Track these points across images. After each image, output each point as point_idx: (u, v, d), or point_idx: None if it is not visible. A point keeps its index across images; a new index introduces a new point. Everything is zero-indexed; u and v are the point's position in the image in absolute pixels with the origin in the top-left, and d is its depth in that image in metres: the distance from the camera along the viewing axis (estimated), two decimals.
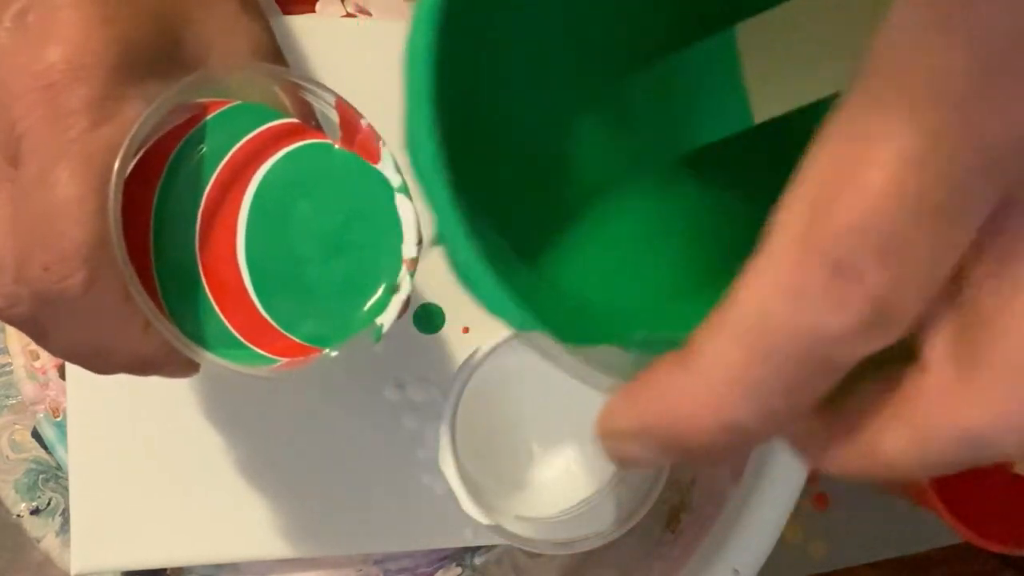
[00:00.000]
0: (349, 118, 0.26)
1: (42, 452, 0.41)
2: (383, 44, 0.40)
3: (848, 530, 0.53)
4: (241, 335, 0.26)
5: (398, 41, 0.46)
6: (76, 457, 0.38)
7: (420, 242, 0.27)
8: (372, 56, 0.40)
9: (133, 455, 0.38)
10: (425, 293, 0.40)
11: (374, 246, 0.27)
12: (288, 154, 0.26)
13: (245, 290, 0.26)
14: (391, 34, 0.41)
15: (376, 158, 0.27)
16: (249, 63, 0.27)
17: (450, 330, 0.41)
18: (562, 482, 0.37)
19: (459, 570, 0.43)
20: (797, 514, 0.38)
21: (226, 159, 0.26)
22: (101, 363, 0.26)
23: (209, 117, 0.26)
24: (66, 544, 0.40)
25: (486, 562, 0.43)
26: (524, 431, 0.38)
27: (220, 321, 0.26)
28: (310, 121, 0.27)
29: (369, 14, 0.43)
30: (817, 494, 0.53)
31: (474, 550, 0.43)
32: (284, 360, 0.26)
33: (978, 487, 0.45)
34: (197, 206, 0.26)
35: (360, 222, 0.27)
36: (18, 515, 0.41)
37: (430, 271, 0.40)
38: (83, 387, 0.38)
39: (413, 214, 0.27)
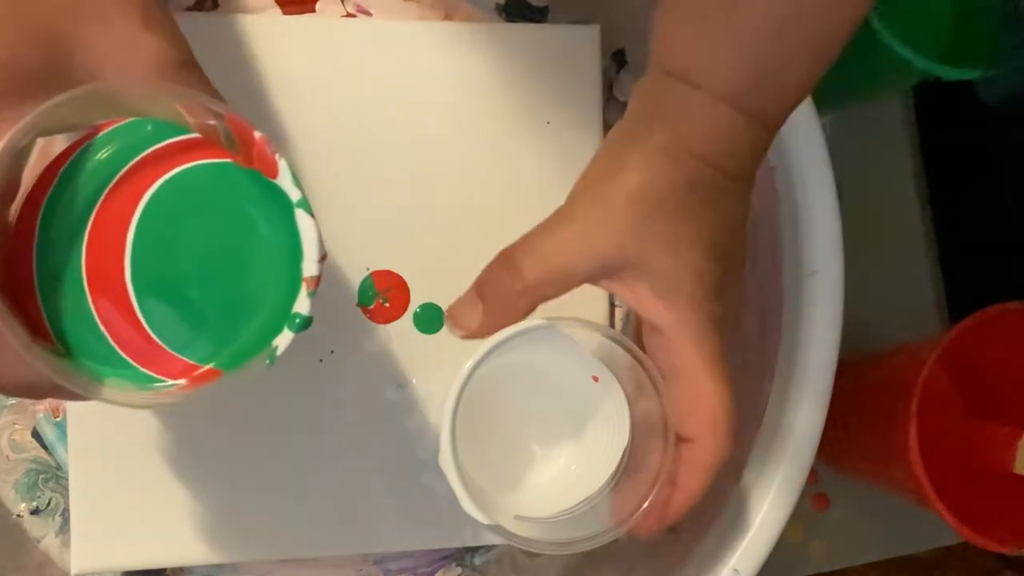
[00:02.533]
0: (241, 131, 0.25)
1: (42, 452, 0.41)
2: (383, 44, 0.41)
3: (848, 530, 0.53)
4: (131, 357, 0.25)
5: (398, 41, 0.46)
6: (76, 457, 0.38)
7: (323, 259, 0.25)
8: (372, 56, 0.40)
9: (133, 455, 0.38)
10: (425, 293, 0.40)
11: (269, 265, 0.26)
12: (180, 173, 0.25)
13: (133, 310, 0.25)
14: (391, 34, 0.41)
15: (274, 172, 0.25)
16: (134, 78, 0.25)
17: None
18: (562, 482, 0.37)
19: (459, 570, 0.43)
20: (797, 514, 0.38)
21: (117, 177, 0.25)
22: None
23: (101, 135, 0.25)
24: (66, 544, 0.40)
25: (486, 562, 0.43)
26: (524, 431, 0.38)
27: (107, 343, 0.25)
28: (216, 136, 0.25)
29: (369, 14, 0.43)
30: (817, 494, 0.53)
31: (474, 550, 0.43)
32: (177, 383, 0.26)
33: (978, 487, 0.45)
34: (84, 225, 0.25)
35: (254, 241, 0.26)
36: (18, 515, 0.41)
37: (430, 271, 0.41)
38: None
39: (314, 230, 0.25)
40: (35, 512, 0.41)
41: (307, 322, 0.26)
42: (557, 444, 0.38)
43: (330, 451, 0.39)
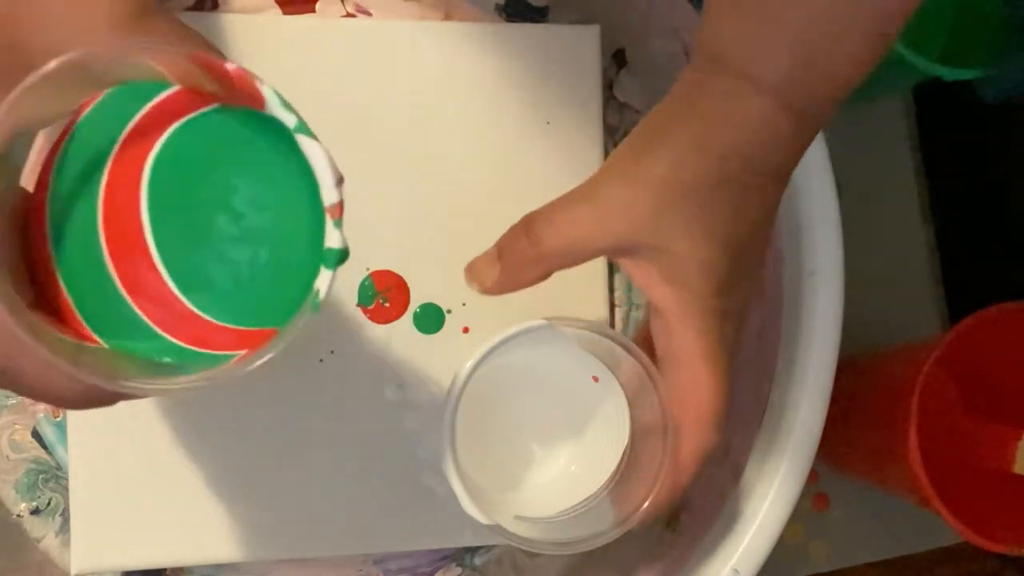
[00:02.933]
0: (213, 69, 0.23)
1: (42, 452, 0.41)
2: (383, 44, 0.41)
3: (848, 530, 0.53)
4: (183, 341, 0.24)
5: (398, 41, 0.46)
6: (76, 457, 0.38)
7: (340, 182, 0.23)
8: (372, 56, 0.40)
9: (133, 455, 0.38)
10: (425, 293, 0.40)
11: (288, 203, 0.24)
12: (173, 134, 0.24)
13: (171, 291, 0.24)
14: (391, 34, 0.41)
15: (261, 102, 0.24)
16: (92, 46, 0.23)
17: (450, 330, 0.41)
18: (562, 482, 0.37)
19: (459, 570, 0.43)
20: (797, 514, 0.38)
21: (112, 156, 0.24)
22: (8, 383, 0.24)
23: (83, 116, 0.24)
24: (66, 544, 0.40)
25: (486, 562, 0.43)
26: (524, 431, 0.38)
27: (156, 334, 0.24)
28: (198, 80, 0.24)
29: (369, 14, 0.43)
30: (817, 494, 0.53)
31: (474, 550, 0.43)
32: (238, 352, 0.24)
33: (978, 487, 0.45)
34: (95, 214, 0.24)
35: (266, 182, 0.24)
36: (18, 515, 0.41)
37: (430, 271, 0.41)
38: None
39: (322, 153, 0.24)
40: (35, 512, 0.41)
41: (343, 255, 0.23)
42: (557, 444, 0.38)
43: (330, 451, 0.39)
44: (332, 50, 0.40)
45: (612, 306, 0.44)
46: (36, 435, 0.41)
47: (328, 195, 0.23)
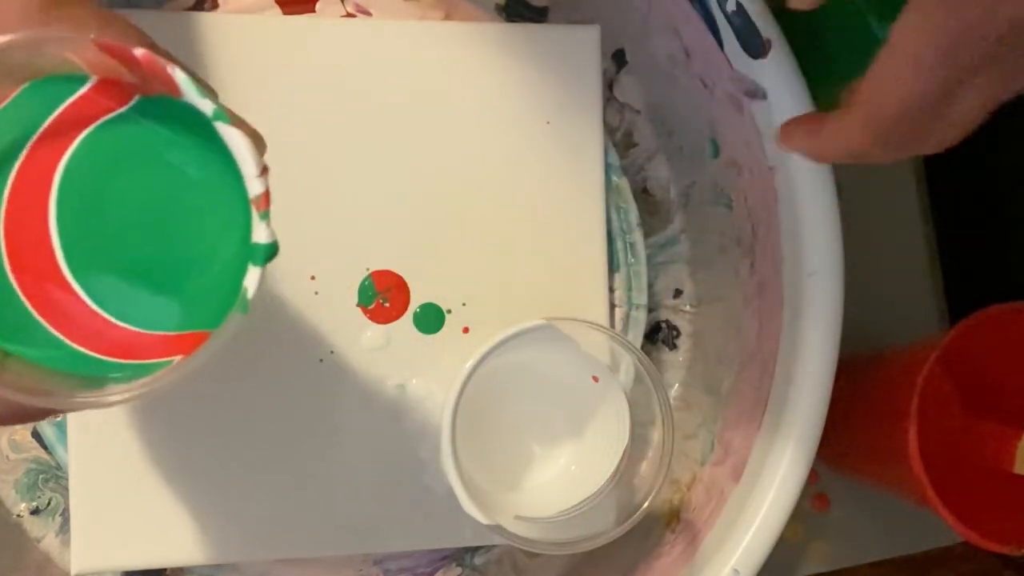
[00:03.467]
0: (123, 57, 0.22)
1: (42, 452, 0.41)
2: (383, 44, 0.41)
3: (848, 530, 0.53)
4: (105, 354, 0.23)
5: (398, 41, 0.46)
6: (76, 457, 0.38)
7: (263, 172, 0.22)
8: (372, 56, 0.40)
9: (133, 455, 0.38)
10: (425, 293, 0.40)
11: (215, 199, 0.23)
12: (86, 138, 0.23)
13: (83, 303, 0.23)
14: (391, 34, 0.41)
15: (176, 89, 0.22)
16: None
17: (450, 330, 0.41)
18: (562, 482, 0.37)
19: (459, 570, 0.43)
20: (797, 514, 0.38)
21: (23, 156, 0.22)
22: None
23: None
24: (66, 544, 0.40)
25: (486, 562, 0.43)
26: (524, 431, 0.38)
27: (70, 348, 0.23)
28: (115, 70, 0.22)
29: (369, 14, 0.43)
30: (817, 494, 0.53)
31: (474, 550, 0.43)
32: (174, 359, 0.23)
33: (978, 487, 0.45)
34: None
35: (189, 179, 0.23)
36: (18, 515, 0.41)
37: (430, 271, 0.41)
38: None
39: (243, 142, 0.22)
40: (35, 512, 0.41)
41: (271, 250, 0.22)
42: (557, 444, 0.38)
43: (330, 451, 0.39)
44: (332, 50, 0.40)
45: (612, 306, 0.44)
46: (36, 435, 0.41)
47: (252, 186, 0.22)
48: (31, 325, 0.23)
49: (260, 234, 0.22)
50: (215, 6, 0.41)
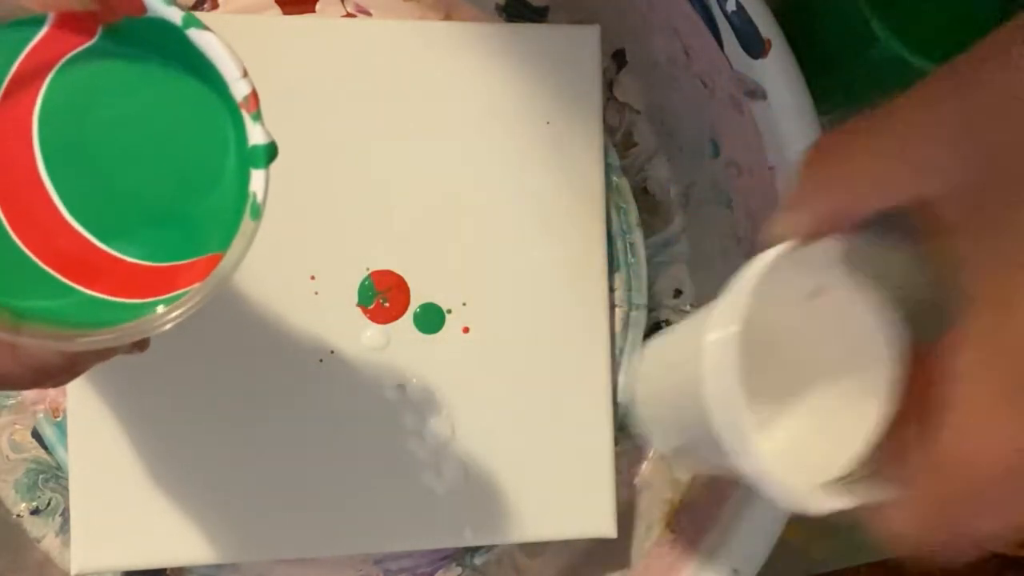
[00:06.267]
0: None
1: (42, 452, 0.41)
2: (383, 44, 0.41)
3: (848, 530, 0.53)
4: (124, 296, 0.22)
5: (398, 41, 0.46)
6: (76, 457, 0.38)
7: (245, 74, 0.22)
8: (372, 56, 0.40)
9: (133, 455, 0.38)
10: (425, 293, 0.41)
11: (199, 116, 0.22)
12: (55, 78, 0.22)
13: (88, 241, 0.22)
14: (391, 34, 0.41)
15: (140, 5, 0.22)
16: None
17: (450, 330, 0.41)
18: (831, 439, 0.28)
19: (459, 570, 0.43)
20: (797, 514, 0.38)
21: None
22: None
23: None
24: (66, 544, 0.40)
25: (486, 562, 0.43)
26: (795, 376, 0.29)
27: (75, 290, 0.22)
28: (67, 3, 0.22)
29: (369, 14, 0.43)
30: None
31: (474, 550, 0.43)
32: (192, 287, 0.22)
33: None
34: None
35: (168, 102, 0.22)
36: (18, 515, 0.41)
37: (430, 271, 0.41)
38: (83, 387, 0.38)
39: (219, 45, 0.22)
40: (35, 512, 0.41)
41: (271, 149, 0.22)
42: (830, 390, 0.29)
43: (330, 451, 0.39)
44: (332, 50, 0.40)
45: (612, 306, 0.44)
46: (36, 435, 0.41)
47: (238, 88, 0.22)
48: (42, 278, 0.22)
49: (256, 135, 0.22)
50: (215, 6, 0.41)
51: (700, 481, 0.43)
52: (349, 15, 0.42)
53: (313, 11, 0.42)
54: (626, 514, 0.44)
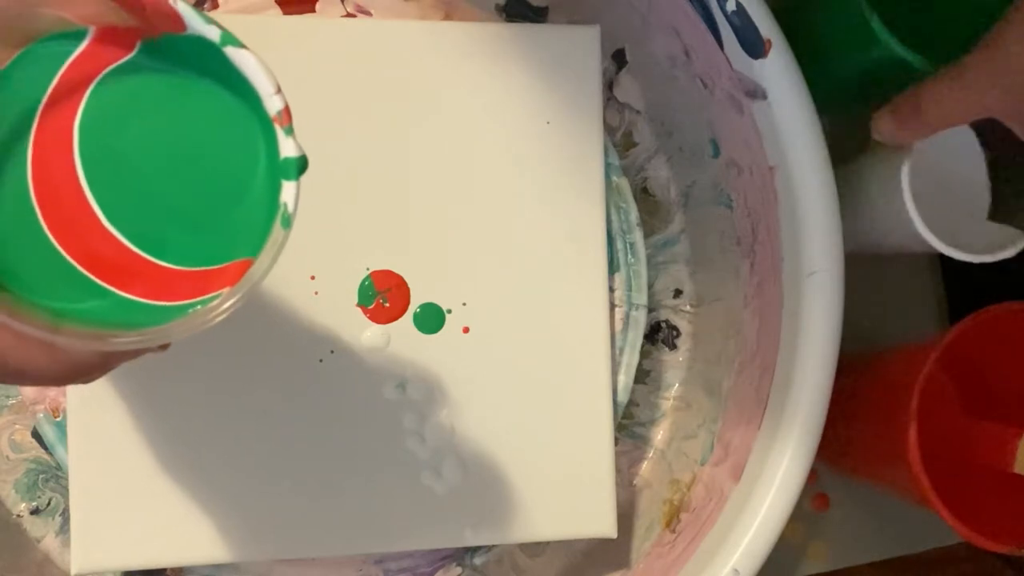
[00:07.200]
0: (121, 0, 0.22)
1: (42, 452, 0.41)
2: (383, 44, 0.41)
3: (848, 530, 0.53)
4: (160, 299, 0.23)
5: (398, 41, 0.46)
6: (76, 457, 0.38)
7: (279, 90, 0.22)
8: (372, 56, 0.40)
9: (133, 455, 0.38)
10: (425, 293, 0.40)
11: (233, 129, 0.23)
12: (96, 89, 0.23)
13: (124, 247, 0.23)
14: (391, 34, 0.41)
15: (180, 21, 0.22)
16: None
17: (450, 330, 0.41)
18: None
19: (459, 570, 0.43)
20: (797, 514, 0.38)
21: (37, 117, 0.23)
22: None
23: None
24: (66, 544, 0.40)
25: (486, 562, 0.43)
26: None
27: (111, 293, 0.23)
28: (112, 18, 0.23)
29: (369, 14, 0.43)
30: (817, 494, 0.53)
31: (474, 550, 0.43)
32: (223, 291, 0.23)
33: (978, 487, 0.45)
34: (27, 193, 0.23)
35: (204, 114, 0.23)
36: (18, 515, 0.41)
37: (430, 271, 0.41)
38: (83, 387, 0.38)
39: (255, 62, 0.22)
40: (35, 512, 0.41)
41: (302, 162, 0.23)
42: None
43: (330, 451, 0.39)
44: (332, 50, 0.40)
45: (612, 306, 0.44)
46: (36, 435, 0.41)
47: (271, 104, 0.23)
48: (80, 281, 0.23)
49: (288, 149, 0.23)
50: (215, 6, 0.41)
51: (700, 481, 0.43)
52: (349, 15, 0.42)
53: (313, 11, 0.42)
54: (626, 514, 0.44)
